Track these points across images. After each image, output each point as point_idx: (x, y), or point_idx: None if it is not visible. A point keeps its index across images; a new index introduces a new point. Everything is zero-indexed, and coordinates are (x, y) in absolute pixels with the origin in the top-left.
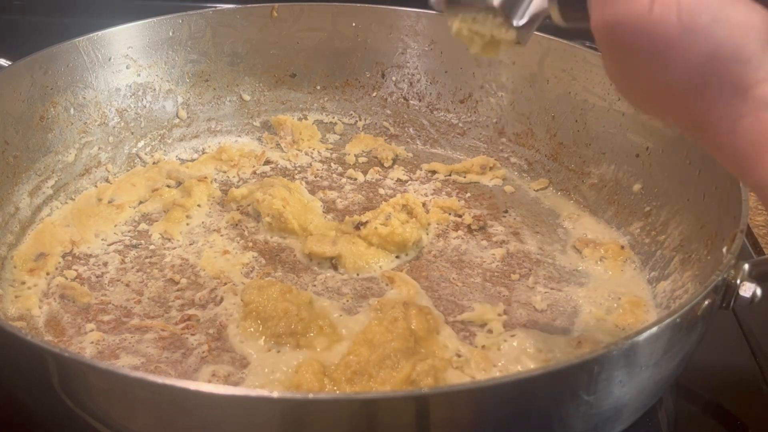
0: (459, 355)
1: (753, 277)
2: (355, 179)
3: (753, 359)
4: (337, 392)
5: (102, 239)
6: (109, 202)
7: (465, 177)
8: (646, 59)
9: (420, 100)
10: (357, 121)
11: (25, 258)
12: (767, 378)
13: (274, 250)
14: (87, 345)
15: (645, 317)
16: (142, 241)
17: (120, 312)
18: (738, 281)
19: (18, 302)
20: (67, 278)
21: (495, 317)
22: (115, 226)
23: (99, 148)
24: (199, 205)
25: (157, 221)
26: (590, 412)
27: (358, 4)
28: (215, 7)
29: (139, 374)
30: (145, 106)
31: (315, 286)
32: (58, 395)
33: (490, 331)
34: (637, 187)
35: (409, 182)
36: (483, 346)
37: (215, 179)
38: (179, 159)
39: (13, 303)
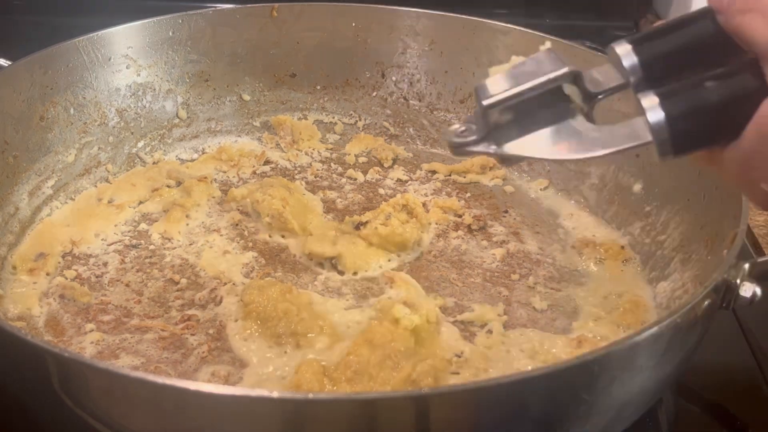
0: (459, 355)
1: (753, 277)
2: (355, 179)
3: (753, 359)
4: (337, 392)
5: (102, 239)
6: (109, 202)
7: (465, 177)
8: None
9: (420, 100)
10: (357, 121)
11: (25, 258)
12: (767, 378)
13: (274, 250)
14: (87, 345)
15: (645, 317)
16: (142, 241)
17: (120, 312)
18: (738, 281)
19: (18, 302)
20: (67, 278)
21: (495, 317)
22: (115, 226)
23: (99, 148)
24: (199, 205)
25: (157, 221)
26: (590, 412)
27: (358, 4)
28: (215, 7)
29: (139, 374)
30: (145, 106)
31: (315, 286)
32: (58, 395)
33: (490, 331)
34: (637, 187)
35: (409, 182)
36: (483, 346)
37: (215, 179)
38: (179, 159)
39: (13, 303)
